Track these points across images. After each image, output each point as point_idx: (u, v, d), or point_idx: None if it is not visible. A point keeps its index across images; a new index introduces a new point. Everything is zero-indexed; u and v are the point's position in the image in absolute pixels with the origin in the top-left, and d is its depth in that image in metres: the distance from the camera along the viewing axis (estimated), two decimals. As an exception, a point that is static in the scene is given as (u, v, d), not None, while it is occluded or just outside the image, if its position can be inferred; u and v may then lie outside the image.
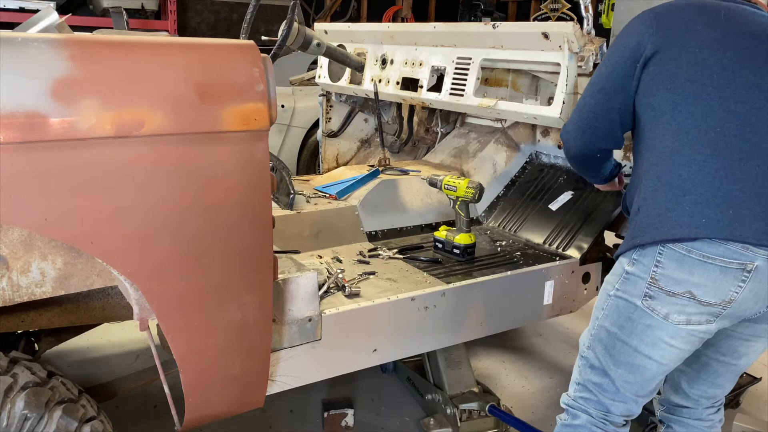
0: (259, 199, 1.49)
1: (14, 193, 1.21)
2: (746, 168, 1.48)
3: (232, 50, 1.42)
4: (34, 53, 1.20)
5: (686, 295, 1.51)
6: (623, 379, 1.65)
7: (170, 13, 7.13)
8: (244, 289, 1.53)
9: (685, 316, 1.53)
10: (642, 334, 1.59)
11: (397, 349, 2.07)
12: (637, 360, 1.61)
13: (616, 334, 1.64)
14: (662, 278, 1.53)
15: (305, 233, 2.47)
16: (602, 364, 1.68)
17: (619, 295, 1.63)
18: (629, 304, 1.60)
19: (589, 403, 1.72)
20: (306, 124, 4.84)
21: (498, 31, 2.46)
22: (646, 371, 1.62)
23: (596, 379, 1.70)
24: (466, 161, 2.95)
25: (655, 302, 1.55)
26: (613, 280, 1.66)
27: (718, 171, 1.49)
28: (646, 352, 1.59)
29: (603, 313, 1.68)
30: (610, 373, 1.67)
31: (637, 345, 1.60)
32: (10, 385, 1.35)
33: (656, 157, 1.59)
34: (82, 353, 2.92)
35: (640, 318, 1.58)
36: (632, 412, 1.71)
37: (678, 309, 1.52)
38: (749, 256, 1.46)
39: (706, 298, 1.49)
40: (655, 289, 1.54)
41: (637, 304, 1.58)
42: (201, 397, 1.57)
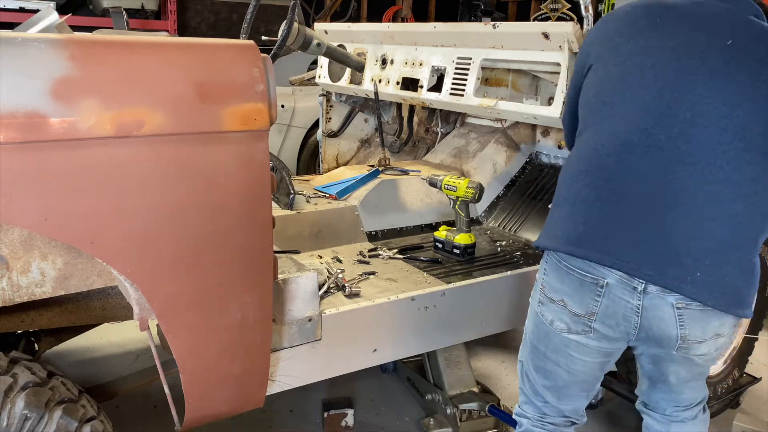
0: (259, 199, 1.49)
1: (14, 193, 1.21)
2: (612, 188, 1.49)
3: (232, 50, 1.42)
4: (34, 53, 1.20)
5: (560, 303, 1.60)
6: (542, 384, 1.72)
7: (170, 13, 7.12)
8: (244, 289, 1.53)
9: (564, 324, 1.60)
10: (546, 340, 1.67)
11: (397, 349, 2.07)
12: (548, 365, 1.68)
13: (532, 339, 1.73)
14: (547, 285, 1.63)
15: (305, 233, 2.47)
16: (528, 369, 1.76)
17: (531, 303, 1.74)
18: (533, 311, 1.71)
19: (527, 408, 1.79)
20: (306, 124, 4.84)
21: (498, 31, 2.46)
22: (557, 378, 1.68)
23: (528, 384, 1.77)
24: (466, 161, 2.95)
25: (544, 308, 1.65)
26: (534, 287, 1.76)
27: (585, 188, 1.54)
28: (553, 358, 1.66)
29: (528, 321, 1.77)
30: (533, 378, 1.74)
31: (544, 350, 1.68)
32: (10, 385, 1.35)
33: (564, 168, 1.68)
34: (82, 353, 2.92)
35: (540, 324, 1.68)
36: (569, 416, 1.74)
37: (558, 316, 1.61)
38: (601, 272, 1.51)
39: (574, 308, 1.57)
40: (543, 296, 1.65)
41: (536, 309, 1.69)
42: (201, 397, 1.57)
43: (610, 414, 2.66)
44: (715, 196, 1.41)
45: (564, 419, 1.75)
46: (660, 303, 1.47)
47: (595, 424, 2.62)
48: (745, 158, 1.41)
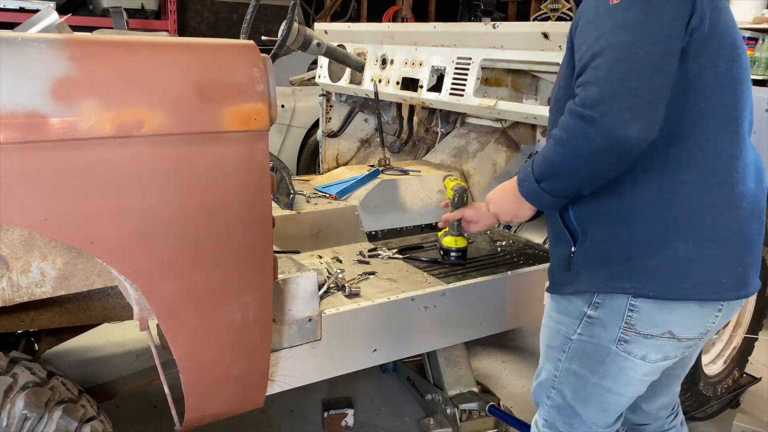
0: (259, 199, 1.49)
1: (14, 193, 1.21)
2: (753, 219, 1.44)
3: (232, 50, 1.42)
4: (34, 53, 1.20)
5: (666, 335, 1.45)
6: (594, 417, 1.60)
7: (170, 13, 7.12)
8: (244, 289, 1.53)
9: (662, 353, 1.48)
10: (616, 376, 1.52)
11: (397, 349, 2.07)
12: (609, 399, 1.56)
13: (587, 377, 1.55)
14: (639, 323, 1.44)
15: (305, 233, 2.47)
16: (571, 406, 1.61)
17: (585, 340, 1.53)
18: (600, 348, 1.50)
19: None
20: (306, 124, 4.84)
21: (498, 31, 2.46)
22: (618, 406, 1.59)
23: (565, 418, 1.64)
24: (466, 161, 2.95)
25: (631, 346, 1.47)
26: (570, 323, 1.55)
27: (745, 222, 1.42)
28: (620, 391, 1.54)
29: (566, 356, 1.58)
30: (581, 413, 1.60)
31: (610, 386, 1.54)
32: (10, 385, 1.35)
33: (668, 186, 1.38)
34: (82, 353, 2.92)
35: (614, 361, 1.50)
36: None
37: (656, 349, 1.47)
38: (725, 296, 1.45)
39: (686, 334, 1.45)
40: (632, 334, 1.46)
41: (611, 348, 1.49)
42: (201, 397, 1.57)
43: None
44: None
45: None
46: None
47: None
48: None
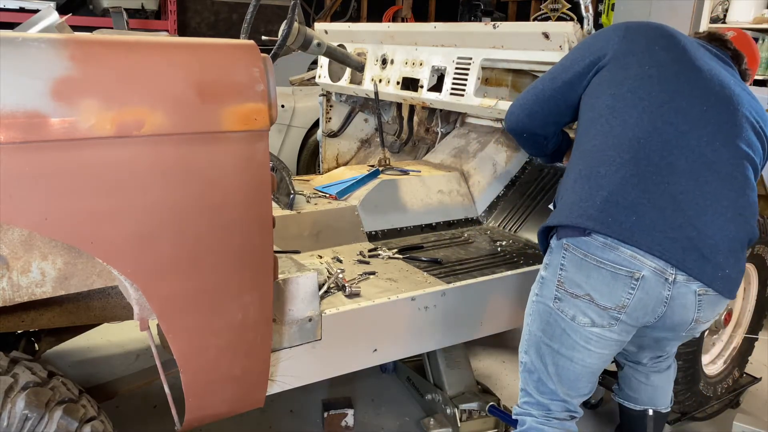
0: (259, 199, 1.49)
1: (14, 193, 1.21)
2: (657, 181, 1.58)
3: (232, 50, 1.42)
4: (35, 53, 1.20)
5: (586, 297, 1.62)
6: (554, 381, 1.76)
7: (170, 13, 7.11)
8: (244, 289, 1.53)
9: (588, 318, 1.64)
10: (561, 338, 1.70)
11: (397, 349, 2.07)
12: (561, 362, 1.72)
13: (541, 337, 1.75)
14: (566, 281, 1.65)
15: (305, 233, 2.47)
16: (536, 368, 1.79)
17: (539, 300, 1.76)
18: (547, 308, 1.72)
19: (531, 406, 1.82)
20: (306, 124, 4.84)
21: (498, 31, 2.46)
22: (570, 373, 1.73)
23: (533, 382, 1.80)
24: (466, 161, 2.95)
25: (563, 304, 1.67)
26: (534, 287, 1.80)
27: (632, 177, 1.58)
28: (567, 354, 1.70)
29: (530, 318, 1.79)
30: (542, 376, 1.77)
31: (558, 348, 1.71)
32: (10, 385, 1.35)
33: (583, 154, 1.70)
34: (82, 353, 2.92)
35: (555, 321, 1.70)
36: (572, 410, 1.81)
37: (582, 311, 1.64)
38: (637, 265, 1.56)
39: (602, 302, 1.61)
40: (562, 291, 1.67)
41: (551, 306, 1.70)
42: (201, 397, 1.57)
43: (610, 414, 2.66)
44: (733, 202, 1.61)
45: (567, 413, 1.80)
46: (685, 291, 1.60)
47: (595, 424, 2.62)
48: (746, 173, 1.66)
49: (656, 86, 1.65)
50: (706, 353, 2.67)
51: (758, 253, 2.56)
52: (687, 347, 2.34)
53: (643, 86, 1.66)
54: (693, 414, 2.54)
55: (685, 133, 1.61)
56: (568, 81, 1.80)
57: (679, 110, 1.63)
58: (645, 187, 1.57)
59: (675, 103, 1.64)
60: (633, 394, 2.11)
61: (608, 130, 1.66)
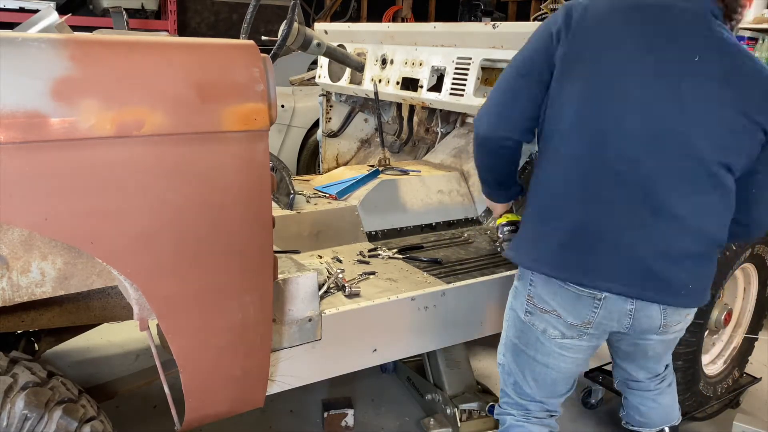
0: (259, 199, 1.49)
1: (14, 193, 1.21)
2: (602, 214, 1.54)
3: (232, 50, 1.42)
4: (35, 53, 1.20)
5: (554, 313, 1.66)
6: (530, 385, 1.79)
7: (170, 13, 7.12)
8: (244, 289, 1.53)
9: (558, 331, 1.67)
10: (535, 345, 1.73)
11: (397, 349, 2.07)
12: (537, 368, 1.76)
13: (517, 344, 1.78)
14: (536, 297, 1.68)
15: (305, 233, 2.47)
16: (513, 371, 1.83)
17: (513, 308, 1.79)
18: (518, 318, 1.76)
19: (510, 407, 1.86)
20: (306, 124, 4.84)
21: (498, 31, 2.46)
22: (546, 377, 1.76)
23: (511, 385, 1.85)
24: (466, 161, 2.95)
25: (533, 318, 1.70)
26: (510, 293, 1.83)
27: (578, 208, 1.56)
28: (542, 361, 1.74)
29: (507, 324, 1.83)
30: (518, 379, 1.81)
31: (534, 355, 1.74)
32: (10, 385, 1.35)
33: (539, 180, 1.66)
34: (82, 353, 2.92)
35: (528, 331, 1.73)
36: (551, 409, 1.84)
37: (551, 325, 1.67)
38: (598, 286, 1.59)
39: (569, 319, 1.64)
40: (532, 306, 1.70)
41: (522, 318, 1.74)
42: (201, 397, 1.57)
43: (610, 414, 2.66)
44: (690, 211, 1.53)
45: (546, 413, 1.83)
46: (648, 305, 1.62)
47: (595, 424, 2.62)
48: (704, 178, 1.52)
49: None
50: (706, 353, 2.66)
51: (758, 253, 2.56)
52: (687, 347, 2.33)
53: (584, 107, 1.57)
54: (693, 414, 2.54)
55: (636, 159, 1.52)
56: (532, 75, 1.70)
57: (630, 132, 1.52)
58: (597, 218, 1.54)
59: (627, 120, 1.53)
60: (644, 419, 2.04)
61: (558, 156, 1.62)
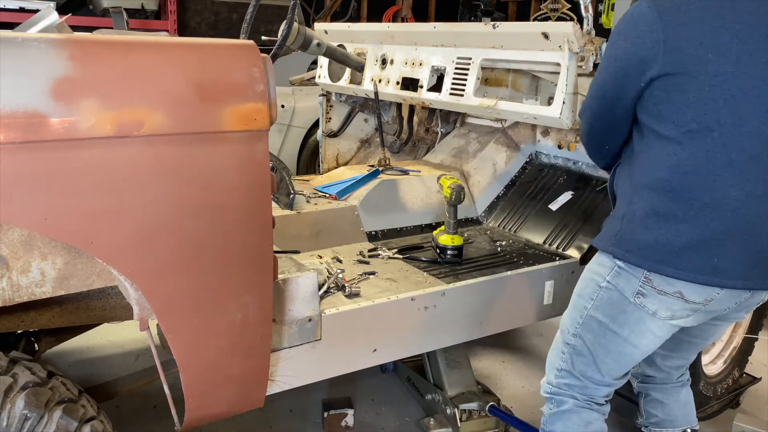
0: (259, 199, 1.49)
1: (14, 193, 1.21)
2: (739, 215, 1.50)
3: (232, 50, 1.42)
4: (34, 53, 1.20)
5: (676, 294, 1.59)
6: (609, 366, 1.75)
7: (170, 13, 7.12)
8: (244, 289, 1.53)
9: (671, 312, 1.62)
10: (634, 326, 1.67)
11: (397, 349, 2.07)
12: (626, 349, 1.71)
13: (608, 324, 1.71)
14: (656, 278, 1.60)
15: (305, 233, 2.47)
16: (591, 352, 1.76)
17: (611, 288, 1.69)
18: (623, 298, 1.67)
19: (574, 389, 1.81)
20: (306, 124, 4.84)
21: (498, 31, 2.46)
22: (631, 358, 1.74)
23: (582, 366, 1.78)
24: (466, 161, 2.95)
25: (646, 299, 1.63)
26: (602, 272, 1.70)
27: (711, 217, 1.51)
28: (634, 342, 1.69)
29: (593, 303, 1.73)
30: (598, 361, 1.75)
31: (627, 335, 1.69)
32: (10, 385, 1.35)
33: (657, 178, 1.57)
34: (82, 353, 2.92)
35: (633, 311, 1.66)
36: (610, 394, 1.84)
37: (666, 306, 1.62)
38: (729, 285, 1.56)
39: (693, 297, 1.59)
40: (648, 288, 1.62)
41: (630, 299, 1.65)
42: (201, 397, 1.57)
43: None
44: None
45: (607, 398, 1.83)
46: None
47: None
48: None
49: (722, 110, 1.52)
50: (706, 353, 2.66)
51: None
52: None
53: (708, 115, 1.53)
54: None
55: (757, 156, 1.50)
56: (620, 96, 1.66)
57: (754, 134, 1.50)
58: (723, 222, 1.51)
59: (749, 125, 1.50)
60: (669, 418, 2.01)
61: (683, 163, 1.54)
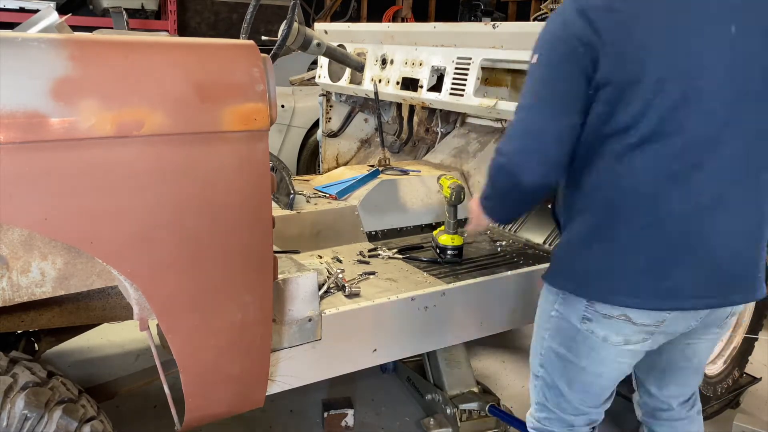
0: (259, 199, 1.49)
1: (14, 193, 1.21)
2: (681, 228, 1.44)
3: (232, 50, 1.42)
4: (34, 53, 1.20)
5: (622, 317, 1.51)
6: (579, 396, 1.67)
7: (170, 13, 7.12)
8: (244, 289, 1.53)
9: (622, 336, 1.53)
10: (588, 355, 1.59)
11: (397, 349, 2.07)
12: (588, 378, 1.63)
13: (565, 355, 1.63)
14: (598, 302, 1.52)
15: (305, 233, 2.47)
16: (556, 383, 1.68)
17: (560, 316, 1.61)
18: (571, 326, 1.59)
19: (552, 423, 1.73)
20: (306, 124, 4.84)
21: (498, 31, 2.46)
22: (596, 386, 1.65)
23: (554, 398, 1.70)
24: (466, 161, 2.95)
25: (593, 324, 1.54)
26: (551, 299, 1.63)
27: (656, 235, 1.44)
28: (595, 371, 1.61)
29: (548, 333, 1.66)
30: (565, 393, 1.67)
31: (586, 365, 1.61)
32: (10, 385, 1.35)
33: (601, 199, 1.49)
34: (82, 353, 2.92)
35: (583, 340, 1.58)
36: (595, 420, 1.74)
37: (615, 330, 1.53)
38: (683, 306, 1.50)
39: (641, 320, 1.50)
40: (592, 311, 1.53)
41: (578, 326, 1.57)
42: (201, 397, 1.57)
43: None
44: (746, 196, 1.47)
45: (589, 425, 1.74)
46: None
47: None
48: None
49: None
50: (706, 353, 2.66)
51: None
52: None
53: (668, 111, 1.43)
54: (693, 414, 2.54)
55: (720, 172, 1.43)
56: (568, 106, 1.56)
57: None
58: (668, 238, 1.44)
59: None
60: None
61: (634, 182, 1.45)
